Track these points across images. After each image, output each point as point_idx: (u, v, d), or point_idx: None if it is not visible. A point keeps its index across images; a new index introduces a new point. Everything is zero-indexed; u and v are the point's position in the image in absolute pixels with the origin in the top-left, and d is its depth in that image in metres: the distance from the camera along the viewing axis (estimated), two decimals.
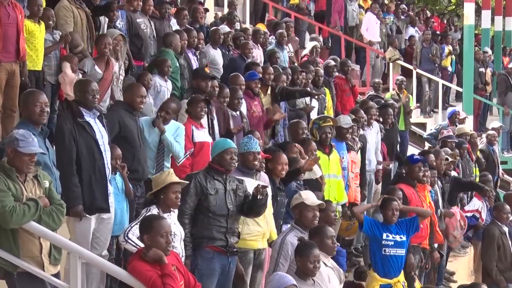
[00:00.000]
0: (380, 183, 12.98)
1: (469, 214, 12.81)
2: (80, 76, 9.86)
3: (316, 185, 9.74)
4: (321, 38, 18.72)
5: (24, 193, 6.54)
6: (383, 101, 15.00)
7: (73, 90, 8.32)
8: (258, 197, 7.78)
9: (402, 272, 9.47)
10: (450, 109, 17.29)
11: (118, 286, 8.37)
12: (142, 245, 6.82)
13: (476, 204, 13.02)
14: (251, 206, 7.90)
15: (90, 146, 7.74)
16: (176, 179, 7.34)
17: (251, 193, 7.90)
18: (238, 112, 10.85)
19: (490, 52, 23.87)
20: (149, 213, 7.14)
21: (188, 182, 7.57)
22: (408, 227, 9.46)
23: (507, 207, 11.69)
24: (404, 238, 9.39)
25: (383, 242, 9.30)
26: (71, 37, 10.38)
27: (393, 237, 9.33)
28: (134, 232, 7.07)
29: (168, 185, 7.25)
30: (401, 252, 9.38)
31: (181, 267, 6.56)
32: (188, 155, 9.44)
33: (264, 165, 8.78)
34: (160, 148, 9.20)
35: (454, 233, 12.17)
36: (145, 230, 6.40)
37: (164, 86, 10.85)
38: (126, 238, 7.11)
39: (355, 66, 19.67)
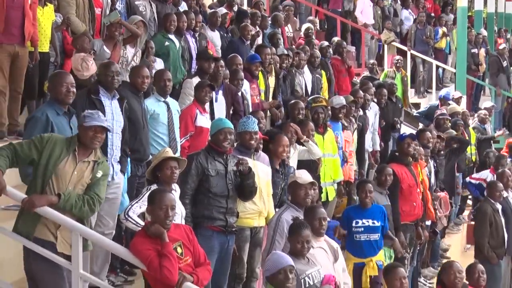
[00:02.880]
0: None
1: (473, 181, 12.80)
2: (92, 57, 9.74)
3: (312, 166, 9.83)
4: (317, 20, 18.80)
5: (70, 166, 6.49)
6: (379, 81, 15.17)
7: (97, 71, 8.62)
8: (240, 168, 7.88)
9: (381, 252, 9.44)
10: (443, 90, 17.49)
11: (120, 263, 8.61)
12: (142, 223, 6.91)
13: (485, 174, 12.94)
14: (241, 186, 7.96)
15: None
16: (171, 155, 7.40)
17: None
18: (240, 93, 10.86)
19: (485, 33, 24.00)
20: (150, 191, 7.04)
21: (184, 159, 7.58)
22: (382, 215, 9.42)
23: (500, 184, 11.68)
24: (377, 224, 9.33)
25: (353, 229, 9.31)
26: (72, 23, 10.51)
27: (363, 223, 9.30)
28: (135, 210, 7.13)
29: (163, 161, 7.28)
30: (374, 237, 9.32)
31: (189, 243, 6.51)
32: (188, 137, 9.50)
33: (261, 145, 8.80)
34: (170, 122, 9.26)
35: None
36: (149, 202, 6.48)
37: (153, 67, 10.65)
38: (127, 216, 7.13)
39: (351, 47, 19.76)
